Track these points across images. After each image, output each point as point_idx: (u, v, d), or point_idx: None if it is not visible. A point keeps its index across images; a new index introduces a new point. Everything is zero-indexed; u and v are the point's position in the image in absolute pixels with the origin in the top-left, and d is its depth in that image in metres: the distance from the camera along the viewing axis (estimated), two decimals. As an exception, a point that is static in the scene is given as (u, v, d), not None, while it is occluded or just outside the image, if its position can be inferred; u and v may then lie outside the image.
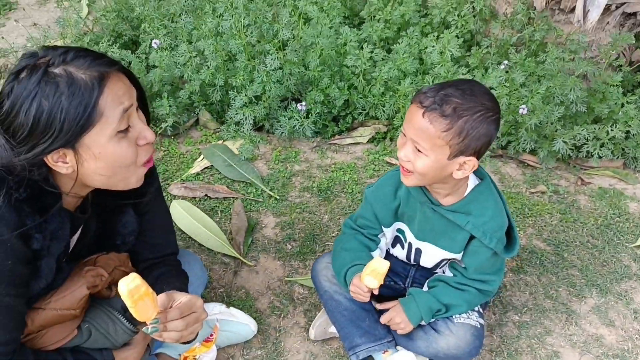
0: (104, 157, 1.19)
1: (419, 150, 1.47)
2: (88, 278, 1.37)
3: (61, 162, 1.19)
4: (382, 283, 1.60)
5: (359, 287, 1.65)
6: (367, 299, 1.68)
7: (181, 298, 1.29)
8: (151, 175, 1.42)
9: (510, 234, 1.66)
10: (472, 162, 1.47)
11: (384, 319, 1.77)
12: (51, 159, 1.17)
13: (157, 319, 1.22)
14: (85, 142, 1.16)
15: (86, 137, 1.15)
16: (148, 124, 1.31)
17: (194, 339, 1.39)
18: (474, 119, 1.40)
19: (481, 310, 1.80)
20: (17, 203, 1.17)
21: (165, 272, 1.56)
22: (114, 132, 1.18)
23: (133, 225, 1.49)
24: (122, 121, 1.18)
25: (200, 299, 1.33)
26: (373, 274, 1.58)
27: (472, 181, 1.63)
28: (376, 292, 1.65)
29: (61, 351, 1.38)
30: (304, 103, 2.68)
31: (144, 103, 1.32)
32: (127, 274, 1.43)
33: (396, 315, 1.74)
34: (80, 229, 1.42)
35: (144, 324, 1.22)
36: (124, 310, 1.45)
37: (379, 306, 1.81)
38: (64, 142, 1.14)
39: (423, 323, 1.74)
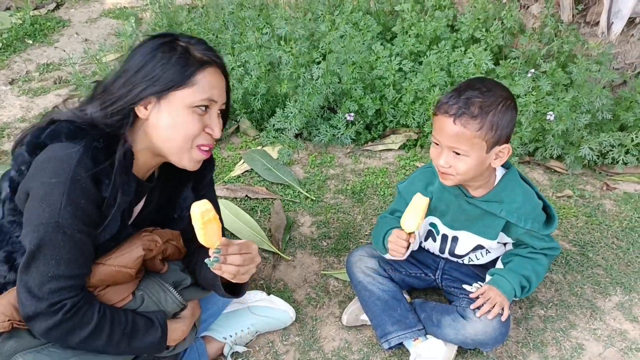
0: (174, 116, 1.40)
1: (458, 154, 1.61)
2: (144, 241, 1.53)
3: (142, 107, 1.41)
4: (422, 222, 1.71)
5: (398, 236, 1.75)
6: (404, 251, 1.78)
7: (239, 241, 1.46)
8: (210, 162, 1.65)
9: (547, 212, 1.80)
10: (506, 148, 1.64)
11: (477, 303, 1.81)
12: (139, 104, 1.40)
13: (219, 249, 1.39)
14: (170, 97, 1.39)
15: (173, 94, 1.39)
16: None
17: (243, 285, 1.58)
18: (499, 111, 1.55)
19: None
20: (95, 151, 1.37)
21: None
22: (193, 104, 1.40)
23: (190, 201, 1.66)
24: (205, 101, 1.41)
25: (255, 244, 1.49)
26: (413, 209, 1.70)
27: (500, 171, 1.77)
28: (412, 240, 1.75)
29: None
30: (352, 114, 2.86)
31: (225, 116, 1.56)
32: (178, 248, 1.61)
33: (495, 295, 1.79)
34: (144, 199, 1.60)
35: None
36: (174, 286, 1.61)
37: (472, 295, 1.85)
38: (156, 90, 1.38)
39: (515, 298, 1.84)
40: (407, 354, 1.92)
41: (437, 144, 1.65)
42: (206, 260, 1.40)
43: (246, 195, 2.62)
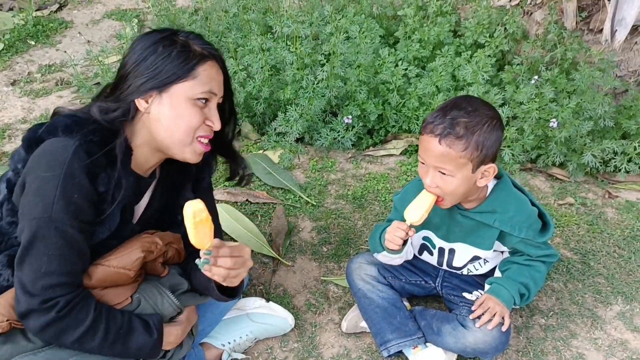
0: (175, 109, 1.41)
1: (444, 174, 1.61)
2: (144, 242, 1.52)
3: (143, 101, 1.41)
4: (426, 217, 1.67)
5: (398, 226, 1.72)
6: (400, 242, 1.74)
7: (231, 244, 1.44)
8: (208, 165, 1.66)
9: (542, 219, 1.79)
10: (492, 168, 1.63)
11: (476, 313, 1.79)
12: (140, 97, 1.41)
13: (210, 251, 1.37)
14: (172, 90, 1.41)
15: (174, 87, 1.40)
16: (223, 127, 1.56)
17: (237, 288, 1.56)
18: (485, 131, 1.56)
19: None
20: (91, 144, 1.36)
21: None
22: (195, 96, 1.42)
23: None
24: (205, 94, 1.43)
25: (248, 247, 1.47)
26: (419, 202, 1.66)
27: (491, 182, 1.76)
28: (412, 234, 1.72)
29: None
30: (350, 117, 2.85)
31: (231, 112, 1.61)
32: (178, 251, 1.60)
33: (494, 304, 1.77)
34: (149, 196, 1.60)
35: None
36: (172, 290, 1.60)
37: (473, 308, 1.83)
38: (158, 83, 1.39)
39: (515, 306, 1.82)
40: (407, 362, 1.92)
41: (423, 163, 1.65)
42: (197, 261, 1.39)
43: (247, 200, 2.61)
